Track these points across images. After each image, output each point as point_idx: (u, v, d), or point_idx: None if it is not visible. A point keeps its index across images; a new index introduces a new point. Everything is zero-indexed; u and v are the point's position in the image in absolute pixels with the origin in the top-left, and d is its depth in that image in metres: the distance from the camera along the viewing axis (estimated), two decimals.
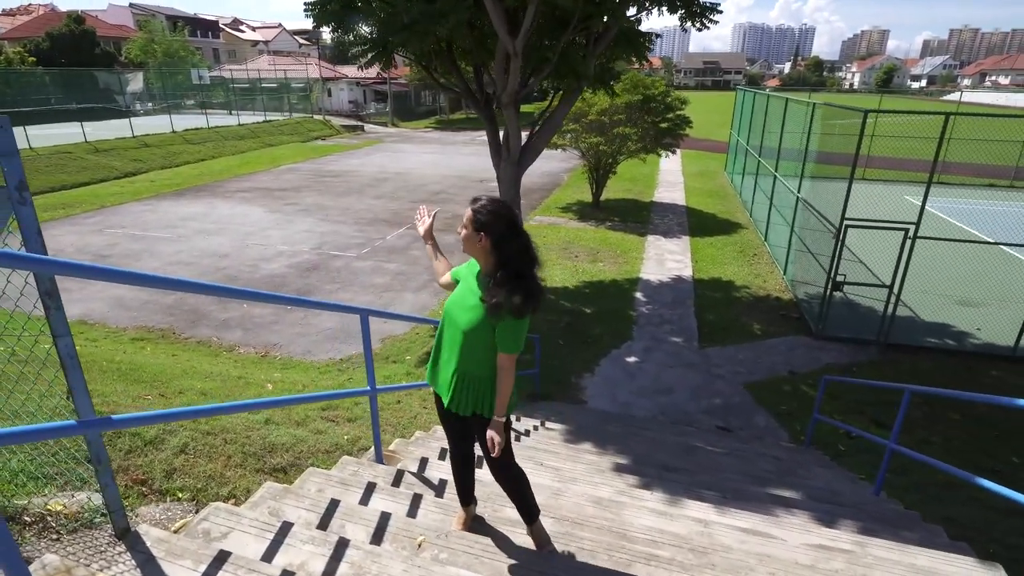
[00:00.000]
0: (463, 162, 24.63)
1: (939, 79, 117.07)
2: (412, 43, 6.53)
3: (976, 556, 2.91)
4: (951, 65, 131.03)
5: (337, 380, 6.29)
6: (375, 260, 11.77)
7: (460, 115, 46.17)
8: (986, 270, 10.49)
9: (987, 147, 17.45)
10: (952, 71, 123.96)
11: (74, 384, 1.64)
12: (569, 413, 5.77)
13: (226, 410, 2.04)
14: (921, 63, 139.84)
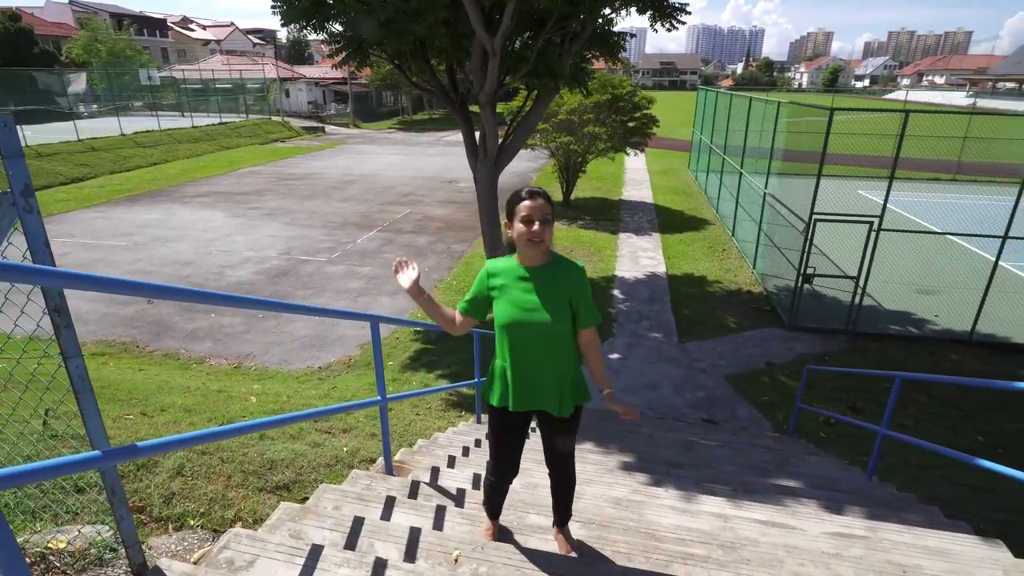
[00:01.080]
0: (430, 163, 24.40)
1: (881, 79, 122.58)
2: (389, 42, 6.39)
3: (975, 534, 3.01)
4: (891, 65, 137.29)
5: (320, 389, 6.10)
6: (347, 264, 11.51)
7: (423, 115, 45.75)
8: (938, 259, 11.00)
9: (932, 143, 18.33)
10: (892, 71, 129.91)
11: (86, 409, 1.50)
12: None
13: (248, 429, 1.91)
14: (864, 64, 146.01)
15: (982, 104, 60.12)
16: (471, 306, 2.24)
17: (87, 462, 1.28)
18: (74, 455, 1.29)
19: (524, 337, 2.09)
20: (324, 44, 7.36)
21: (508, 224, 2.11)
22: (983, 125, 23.71)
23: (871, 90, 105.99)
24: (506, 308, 2.09)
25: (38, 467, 1.19)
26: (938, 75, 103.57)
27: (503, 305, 2.10)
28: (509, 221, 2.10)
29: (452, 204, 16.99)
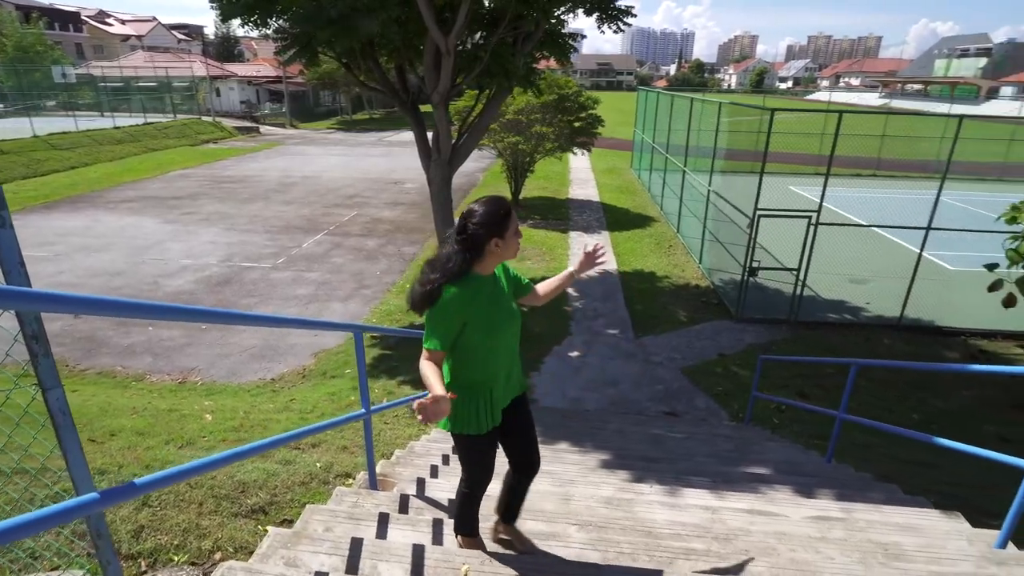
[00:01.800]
0: (374, 164, 23.89)
1: (803, 80, 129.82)
2: (340, 40, 6.18)
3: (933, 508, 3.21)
4: (812, 68, 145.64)
5: (277, 402, 5.83)
6: (294, 270, 11.09)
7: (363, 115, 44.77)
8: (867, 251, 11.74)
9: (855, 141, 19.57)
10: (813, 73, 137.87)
11: (68, 446, 1.35)
12: None
13: (246, 453, 1.78)
14: (786, 66, 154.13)
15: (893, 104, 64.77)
16: (448, 341, 1.99)
17: (81, 508, 1.15)
18: (66, 502, 1.15)
19: (506, 340, 2.09)
20: (271, 41, 7.03)
21: (497, 241, 1.97)
22: (899, 124, 25.52)
23: (794, 91, 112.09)
24: (487, 322, 2.01)
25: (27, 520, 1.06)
26: (853, 77, 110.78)
27: (483, 321, 2.00)
28: (499, 237, 1.97)
29: (400, 205, 16.69)
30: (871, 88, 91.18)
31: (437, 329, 1.94)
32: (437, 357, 1.97)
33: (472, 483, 2.23)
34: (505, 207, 2.01)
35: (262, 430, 4.16)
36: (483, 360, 2.05)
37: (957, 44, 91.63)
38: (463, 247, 1.96)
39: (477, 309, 1.98)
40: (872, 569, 2.18)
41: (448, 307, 1.93)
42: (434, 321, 1.95)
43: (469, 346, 2.01)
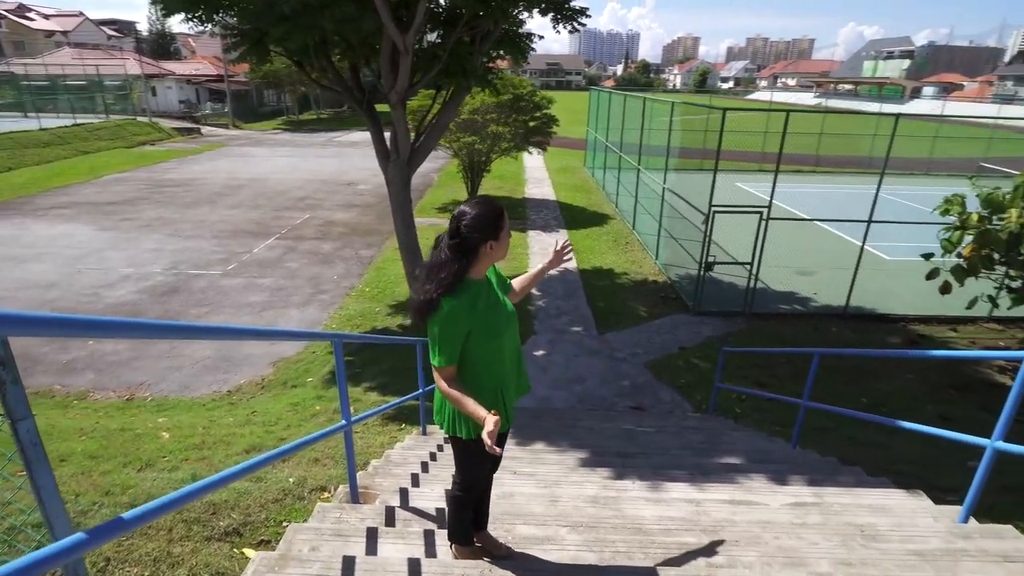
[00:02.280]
0: (325, 165, 23.29)
1: (743, 80, 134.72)
2: (293, 37, 5.97)
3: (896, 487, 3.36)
4: (751, 68, 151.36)
5: (237, 416, 5.58)
6: (246, 276, 10.67)
7: (310, 115, 43.59)
8: (810, 243, 12.29)
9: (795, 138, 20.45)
10: (752, 74, 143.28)
11: (42, 482, 1.23)
12: None
13: (234, 476, 1.67)
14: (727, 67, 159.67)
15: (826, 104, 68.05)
16: (456, 354, 1.94)
17: (66, 552, 1.04)
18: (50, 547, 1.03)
19: (510, 341, 2.09)
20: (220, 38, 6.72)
21: (491, 243, 1.92)
22: (835, 123, 26.82)
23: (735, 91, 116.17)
24: (490, 328, 1.98)
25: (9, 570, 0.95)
26: (790, 77, 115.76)
27: (486, 327, 1.96)
28: (493, 240, 1.93)
29: (354, 208, 16.33)
30: (806, 88, 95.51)
31: (444, 345, 1.90)
32: (449, 373, 1.94)
33: (467, 486, 2.18)
34: (497, 208, 1.97)
35: (226, 446, 3.97)
36: (490, 364, 2.02)
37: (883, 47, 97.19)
38: (457, 252, 1.90)
39: (478, 316, 1.94)
40: (854, 551, 2.26)
41: (450, 320, 1.88)
42: (439, 337, 1.90)
43: (476, 353, 1.97)
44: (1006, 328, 9.35)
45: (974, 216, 7.97)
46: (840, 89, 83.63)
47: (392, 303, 9.58)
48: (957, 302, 8.28)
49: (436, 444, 4.11)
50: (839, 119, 28.11)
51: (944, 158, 24.12)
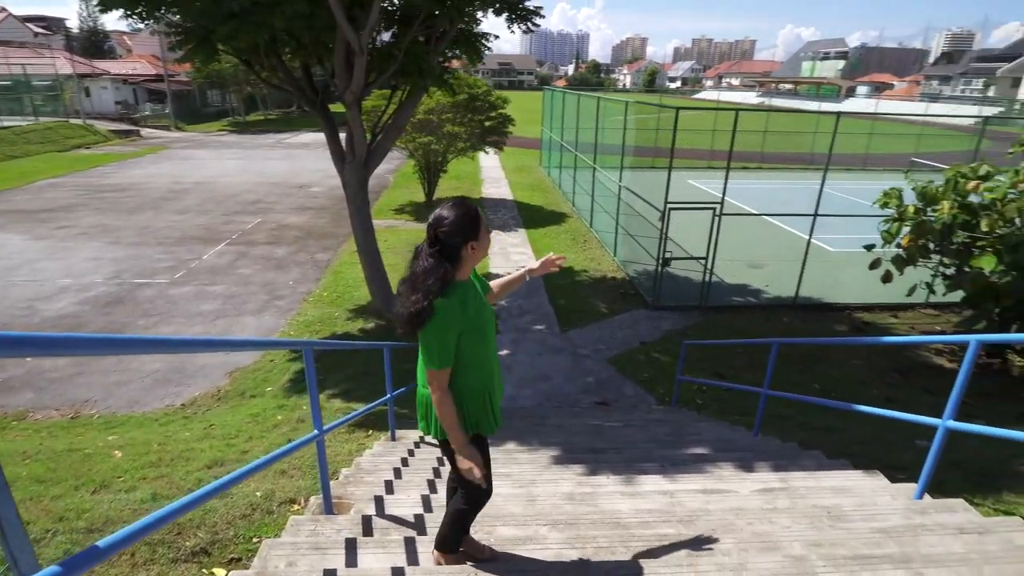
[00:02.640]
0: (275, 167, 22.61)
1: (690, 80, 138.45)
2: (243, 35, 5.76)
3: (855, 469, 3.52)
4: (697, 69, 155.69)
5: (194, 430, 5.35)
6: (196, 284, 10.25)
7: (257, 116, 42.24)
8: (759, 238, 12.76)
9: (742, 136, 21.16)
10: (698, 74, 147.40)
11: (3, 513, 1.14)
12: None
13: (215, 492, 1.59)
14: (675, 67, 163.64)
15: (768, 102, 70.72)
16: (451, 356, 1.93)
17: None
18: None
19: (494, 341, 2.12)
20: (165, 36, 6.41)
21: (472, 244, 1.92)
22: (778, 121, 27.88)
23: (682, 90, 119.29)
24: (479, 328, 1.98)
25: None
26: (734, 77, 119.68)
27: (476, 328, 1.96)
28: (474, 240, 1.92)
29: (308, 211, 15.93)
30: (749, 88, 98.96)
31: (441, 347, 1.89)
32: (445, 376, 1.93)
33: (475, 499, 2.13)
34: (473, 208, 1.96)
35: (185, 462, 3.79)
36: (479, 365, 2.02)
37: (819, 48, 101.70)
38: (439, 258, 1.89)
39: (468, 318, 1.94)
40: (823, 532, 2.35)
41: (442, 323, 1.87)
42: (433, 341, 1.88)
43: (466, 355, 1.96)
44: (941, 313, 9.93)
45: (910, 208, 8.44)
46: (781, 88, 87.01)
47: (352, 307, 9.39)
48: (897, 290, 8.75)
49: (407, 449, 4.05)
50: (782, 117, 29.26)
51: (879, 154, 25.46)
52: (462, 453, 1.94)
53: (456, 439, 1.93)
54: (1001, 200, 7.48)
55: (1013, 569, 1.98)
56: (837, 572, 1.99)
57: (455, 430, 1.93)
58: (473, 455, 1.94)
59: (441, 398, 1.92)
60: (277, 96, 46.78)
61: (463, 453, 1.93)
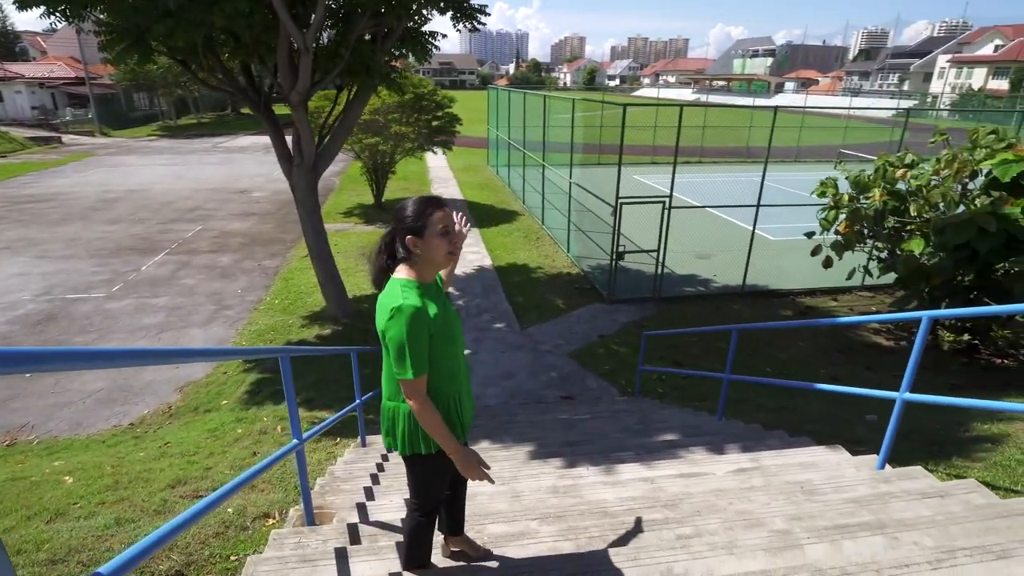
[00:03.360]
0: (213, 172, 21.65)
1: (628, 78, 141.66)
2: (180, 34, 5.48)
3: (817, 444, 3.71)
4: (634, 67, 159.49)
5: (148, 450, 5.07)
6: (135, 297, 9.70)
7: (190, 119, 40.31)
8: (704, 229, 13.19)
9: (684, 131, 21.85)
10: (636, 72, 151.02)
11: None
12: None
13: (198, 516, 1.50)
14: (613, 65, 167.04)
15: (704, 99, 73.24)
16: (425, 359, 1.84)
17: None
18: None
19: (455, 348, 2.00)
20: (95, 35, 6.00)
21: (412, 240, 1.85)
22: (716, 116, 28.90)
23: (621, 88, 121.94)
24: (448, 329, 1.92)
25: None
26: (670, 75, 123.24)
27: (444, 328, 1.90)
28: (415, 236, 1.84)
29: (251, 216, 15.35)
30: (685, 85, 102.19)
31: (412, 351, 1.78)
32: (422, 384, 1.82)
33: (429, 508, 2.07)
34: (422, 203, 1.89)
35: (145, 484, 3.58)
36: (448, 369, 1.94)
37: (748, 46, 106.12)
38: (392, 236, 1.94)
39: (436, 318, 1.87)
40: (801, 506, 2.47)
41: (413, 321, 1.77)
42: (408, 344, 1.77)
43: (434, 358, 1.88)
44: (876, 295, 10.57)
45: (845, 197, 8.94)
46: (715, 85, 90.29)
47: (306, 314, 9.12)
48: (835, 275, 9.25)
49: (380, 454, 3.97)
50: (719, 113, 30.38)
51: (810, 146, 26.81)
52: (457, 457, 1.86)
53: (448, 445, 1.84)
54: (926, 187, 8.03)
55: (976, 527, 2.13)
56: (821, 542, 2.09)
57: (446, 437, 1.84)
58: (469, 455, 1.88)
59: (423, 406, 1.80)
60: (210, 98, 44.83)
61: (457, 457, 1.86)
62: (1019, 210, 6.65)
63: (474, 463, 1.87)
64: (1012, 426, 4.04)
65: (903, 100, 51.42)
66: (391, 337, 1.78)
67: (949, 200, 7.60)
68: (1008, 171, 6.91)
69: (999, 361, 7.92)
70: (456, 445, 1.86)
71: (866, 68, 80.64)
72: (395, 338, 1.77)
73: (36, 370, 1.01)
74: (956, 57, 62.19)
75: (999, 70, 56.30)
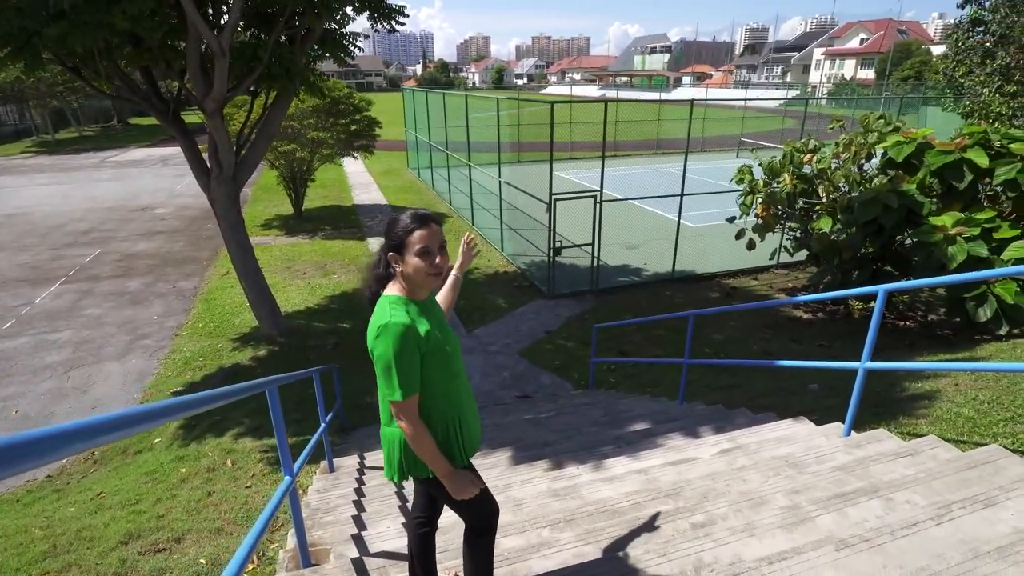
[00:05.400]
0: (106, 190, 19.77)
1: (535, 76, 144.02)
2: (76, 38, 4.92)
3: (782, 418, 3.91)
4: (540, 65, 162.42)
5: (78, 504, 4.52)
6: (33, 334, 8.67)
7: (70, 133, 36.56)
8: (628, 220, 13.66)
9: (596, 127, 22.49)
10: (542, 70, 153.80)
11: None
12: None
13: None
14: (519, 64, 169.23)
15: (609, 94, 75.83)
16: (417, 378, 1.75)
17: None
18: None
19: (459, 365, 1.95)
20: None
21: (395, 257, 1.79)
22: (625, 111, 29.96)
23: (530, 86, 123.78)
24: (442, 348, 1.83)
25: None
26: (575, 72, 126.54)
27: (439, 347, 1.82)
28: (399, 253, 1.78)
29: (157, 235, 14.17)
30: (590, 81, 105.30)
31: (400, 370, 1.68)
32: (413, 405, 1.73)
33: (486, 524, 1.96)
34: (405, 220, 1.80)
35: (91, 543, 3.18)
36: (445, 391, 1.86)
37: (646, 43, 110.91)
38: (384, 251, 1.88)
39: (428, 336, 1.77)
40: (795, 480, 2.59)
41: (402, 338, 1.68)
42: (392, 363, 1.68)
43: (428, 379, 1.79)
44: (791, 272, 11.37)
45: (760, 182, 9.55)
46: (618, 81, 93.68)
47: (235, 336, 8.54)
48: (754, 256, 9.86)
49: (353, 479, 3.77)
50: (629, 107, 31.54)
51: (713, 136, 28.43)
52: (447, 481, 1.77)
53: (439, 468, 1.75)
54: (828, 169, 8.73)
55: (954, 480, 2.32)
56: (827, 512, 2.19)
57: (435, 459, 1.75)
58: (461, 477, 1.79)
59: (414, 429, 1.72)
60: (91, 109, 40.96)
61: (448, 481, 1.77)
62: (914, 186, 7.38)
63: (466, 485, 1.79)
64: (938, 383, 4.45)
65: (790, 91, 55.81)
66: (378, 355, 1.71)
67: (851, 181, 8.30)
68: (901, 152, 7.64)
69: (902, 324, 8.75)
70: (447, 469, 1.78)
71: (752, 62, 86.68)
72: (382, 356, 1.70)
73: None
74: (829, 50, 68.19)
75: (865, 61, 62.40)
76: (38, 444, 0.80)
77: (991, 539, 1.95)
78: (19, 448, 0.76)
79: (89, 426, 0.95)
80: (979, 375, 4.08)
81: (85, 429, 0.95)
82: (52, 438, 0.87)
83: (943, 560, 1.88)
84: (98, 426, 0.96)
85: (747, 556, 1.98)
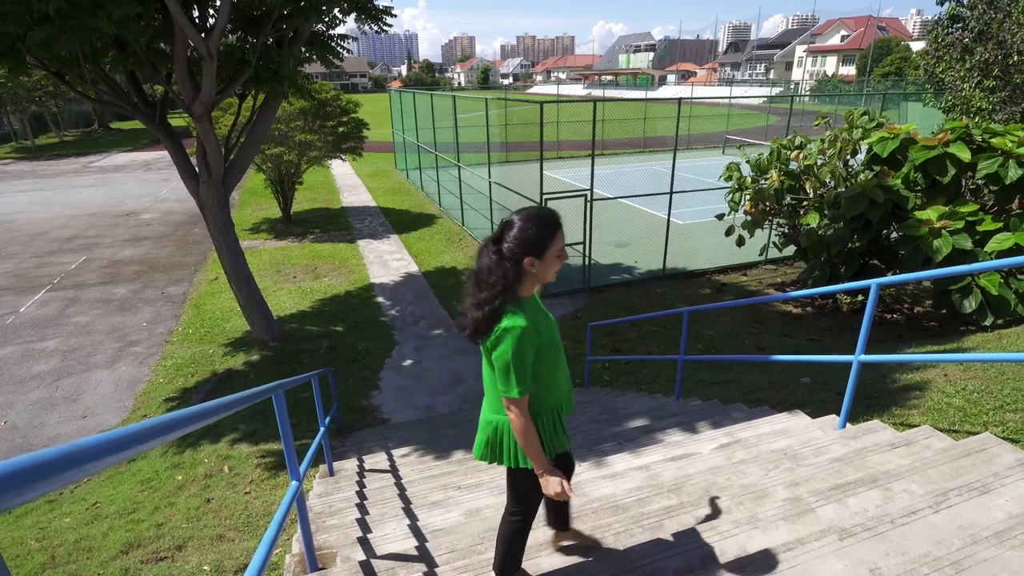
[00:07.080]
0: (89, 196, 19.50)
1: (521, 76, 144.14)
2: (62, 42, 4.85)
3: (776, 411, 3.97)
4: (526, 64, 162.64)
5: (74, 515, 4.47)
6: (19, 343, 8.55)
7: (51, 138, 36.01)
8: (617, 218, 13.73)
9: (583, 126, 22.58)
10: (528, 69, 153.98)
11: None
12: (390, 436, 5.42)
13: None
14: (505, 64, 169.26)
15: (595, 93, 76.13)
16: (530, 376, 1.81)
17: None
18: None
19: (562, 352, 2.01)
20: None
21: (532, 261, 1.76)
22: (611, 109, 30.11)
23: (515, 86, 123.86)
24: (552, 342, 1.90)
25: None
26: (561, 72, 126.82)
27: (549, 341, 1.88)
28: (536, 257, 1.77)
29: (143, 241, 14.01)
30: (576, 80, 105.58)
31: (519, 371, 1.75)
32: (526, 402, 1.80)
33: (528, 514, 2.06)
34: (545, 224, 1.80)
35: (89, 554, 3.15)
36: (550, 382, 1.91)
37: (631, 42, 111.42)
38: (501, 256, 1.78)
39: (542, 332, 1.83)
40: (794, 472, 2.63)
41: (521, 340, 1.73)
42: (513, 362, 1.73)
43: (540, 373, 1.86)
44: (779, 267, 11.49)
45: (748, 179, 9.66)
46: (604, 80, 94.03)
47: (227, 341, 8.47)
48: (743, 252, 9.97)
49: (354, 481, 3.77)
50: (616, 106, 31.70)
51: (698, 134, 28.65)
52: (543, 478, 1.85)
53: (541, 465, 1.84)
54: (815, 165, 8.84)
55: (949, 468, 2.37)
56: (828, 503, 2.23)
57: (538, 456, 1.84)
58: (555, 476, 1.87)
59: (526, 425, 1.80)
60: (72, 114, 40.37)
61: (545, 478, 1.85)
62: (899, 181, 7.50)
63: (557, 484, 1.85)
64: (926, 374, 4.54)
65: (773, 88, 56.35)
66: (497, 355, 1.78)
67: (837, 176, 8.41)
68: (886, 147, 7.76)
69: (889, 317, 8.88)
70: (546, 466, 1.86)
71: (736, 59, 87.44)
72: (501, 356, 1.76)
73: None
74: (811, 47, 68.98)
75: (846, 57, 63.19)
76: (43, 467, 0.74)
77: (989, 525, 2.00)
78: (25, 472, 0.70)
79: (102, 443, 0.92)
80: (967, 365, 4.16)
81: (97, 447, 0.91)
82: (63, 458, 0.82)
83: (944, 546, 1.93)
84: (108, 444, 0.93)
85: (752, 548, 2.02)
